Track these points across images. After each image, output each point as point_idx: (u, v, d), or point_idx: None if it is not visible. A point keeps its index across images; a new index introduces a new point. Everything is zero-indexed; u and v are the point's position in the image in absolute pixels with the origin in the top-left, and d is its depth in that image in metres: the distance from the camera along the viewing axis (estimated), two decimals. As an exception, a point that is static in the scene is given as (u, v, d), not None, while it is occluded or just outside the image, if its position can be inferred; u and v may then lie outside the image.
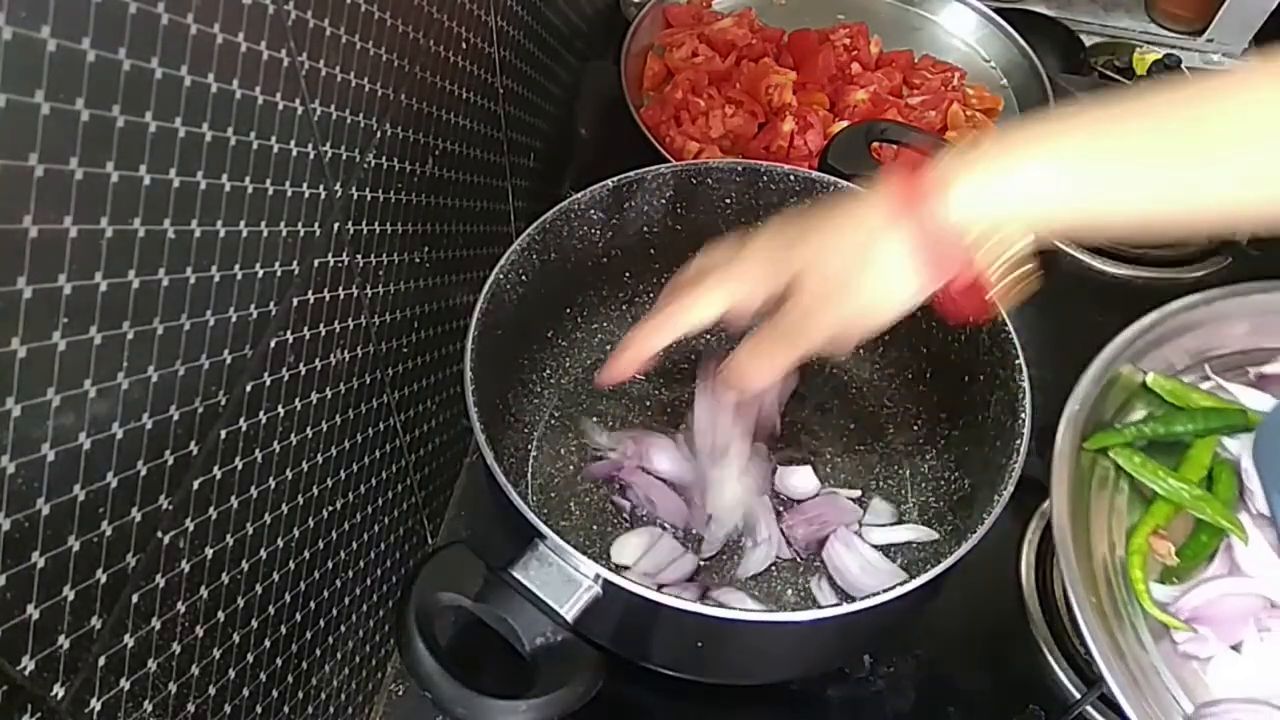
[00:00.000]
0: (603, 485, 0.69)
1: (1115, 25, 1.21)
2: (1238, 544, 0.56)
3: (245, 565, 0.45)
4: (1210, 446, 0.59)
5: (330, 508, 0.54)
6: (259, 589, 0.47)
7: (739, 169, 0.69)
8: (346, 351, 0.52)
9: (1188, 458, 0.59)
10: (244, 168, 0.39)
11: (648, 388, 0.74)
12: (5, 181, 0.27)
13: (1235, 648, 0.55)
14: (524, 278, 0.64)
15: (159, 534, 0.38)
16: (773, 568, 0.65)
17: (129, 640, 0.37)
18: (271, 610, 0.49)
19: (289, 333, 0.46)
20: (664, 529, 0.66)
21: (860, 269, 0.46)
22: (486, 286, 0.60)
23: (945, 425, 0.70)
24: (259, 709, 0.49)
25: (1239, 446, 0.59)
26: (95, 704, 0.35)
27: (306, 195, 0.45)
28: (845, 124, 0.90)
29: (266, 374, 0.44)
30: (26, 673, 0.31)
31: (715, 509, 0.64)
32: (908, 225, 0.44)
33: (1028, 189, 0.43)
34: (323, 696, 0.57)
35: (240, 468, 0.43)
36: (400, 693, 0.66)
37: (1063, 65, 1.14)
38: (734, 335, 0.53)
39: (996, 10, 1.04)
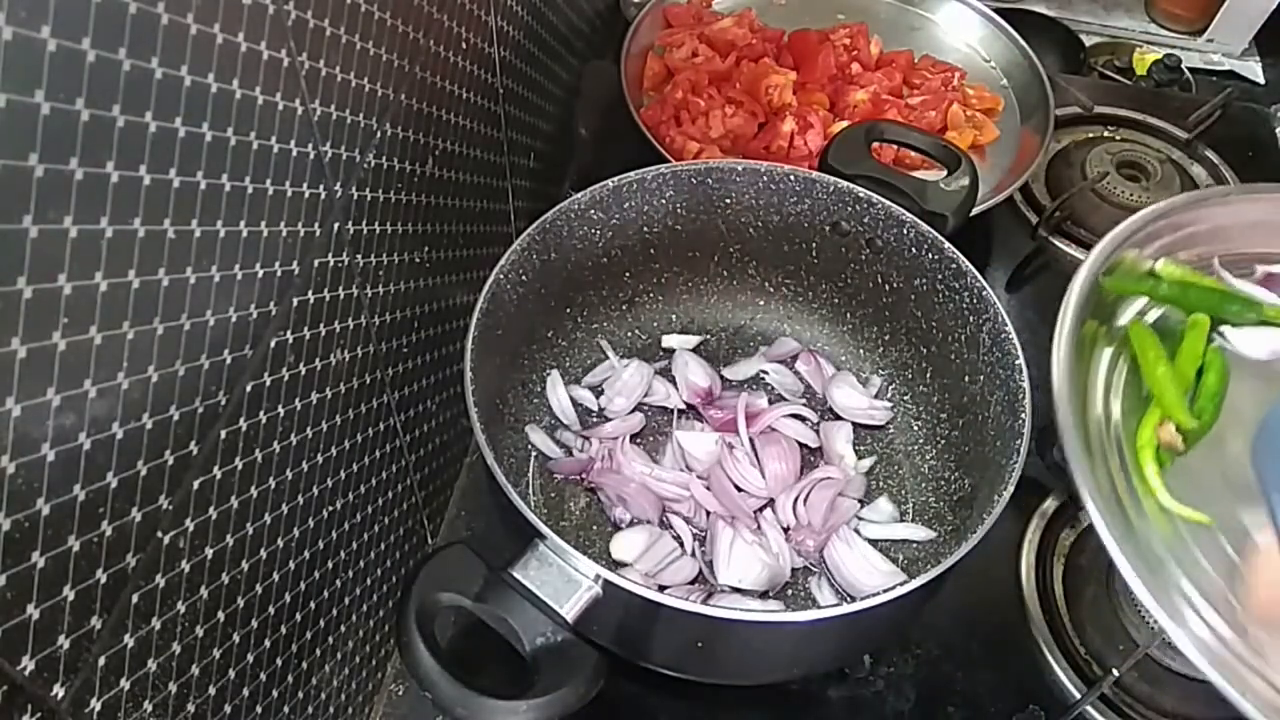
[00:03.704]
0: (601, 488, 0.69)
1: (1115, 25, 1.21)
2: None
3: (245, 565, 0.45)
4: (1203, 334, 0.59)
5: (330, 508, 0.54)
6: (259, 589, 0.47)
7: (739, 169, 0.69)
8: (346, 351, 0.52)
9: (1181, 348, 0.58)
10: (244, 168, 0.39)
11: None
12: (5, 181, 0.27)
13: None
14: (524, 278, 0.64)
15: (159, 534, 0.38)
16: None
17: (129, 640, 0.37)
18: (271, 610, 0.49)
19: (289, 333, 0.46)
20: (662, 527, 0.67)
21: None
22: (486, 286, 0.60)
23: (945, 425, 0.70)
24: (259, 709, 0.49)
25: (1238, 337, 0.58)
26: (95, 704, 0.35)
27: (306, 195, 0.45)
28: (845, 124, 0.90)
29: (266, 374, 0.44)
30: (26, 673, 0.31)
31: (731, 577, 0.64)
32: None
33: None
34: (323, 696, 0.57)
35: (240, 468, 0.43)
36: (400, 693, 0.67)
37: (1063, 65, 1.14)
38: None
39: (996, 10, 1.04)
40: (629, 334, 0.77)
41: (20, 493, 0.30)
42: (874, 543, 0.66)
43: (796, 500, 0.67)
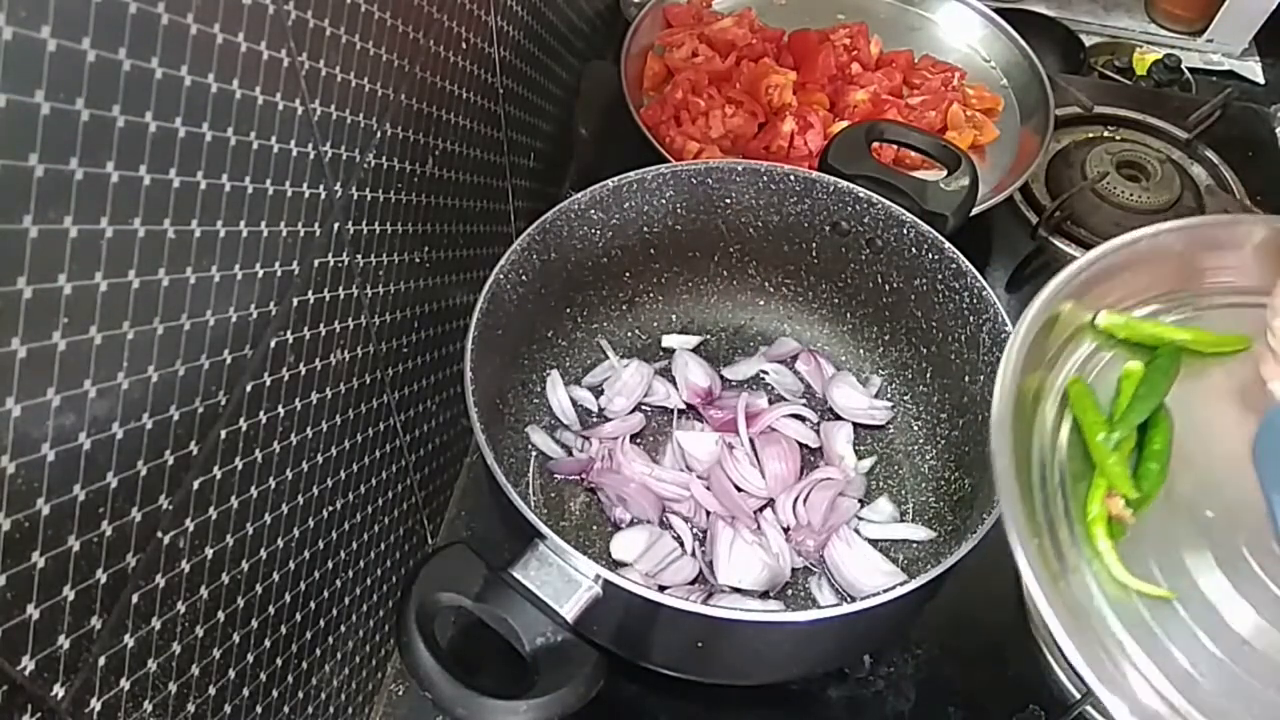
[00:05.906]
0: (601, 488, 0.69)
1: (1115, 25, 1.22)
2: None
3: (245, 565, 0.45)
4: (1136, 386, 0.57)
5: (330, 508, 0.54)
6: (259, 589, 0.47)
7: (739, 169, 0.69)
8: (346, 351, 0.52)
9: (1119, 406, 0.57)
10: (244, 168, 0.39)
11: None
12: (5, 181, 0.27)
13: None
14: (524, 278, 0.64)
15: (159, 534, 0.38)
16: (773, 568, 0.65)
17: (129, 640, 0.37)
18: (271, 610, 0.49)
19: (289, 333, 0.46)
20: (663, 527, 0.67)
21: None
22: (486, 286, 0.60)
23: (945, 425, 0.70)
24: (259, 709, 0.49)
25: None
26: (95, 704, 0.35)
27: (306, 195, 0.45)
28: (845, 124, 0.90)
29: (266, 374, 0.44)
30: (26, 673, 0.31)
31: (731, 577, 0.64)
32: None
33: None
34: (323, 696, 0.57)
35: (240, 468, 0.43)
36: (400, 693, 0.67)
37: (1063, 65, 1.14)
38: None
39: (996, 10, 1.04)
40: (629, 334, 0.77)
41: (20, 493, 0.30)
42: (874, 543, 0.66)
43: (796, 500, 0.67)
